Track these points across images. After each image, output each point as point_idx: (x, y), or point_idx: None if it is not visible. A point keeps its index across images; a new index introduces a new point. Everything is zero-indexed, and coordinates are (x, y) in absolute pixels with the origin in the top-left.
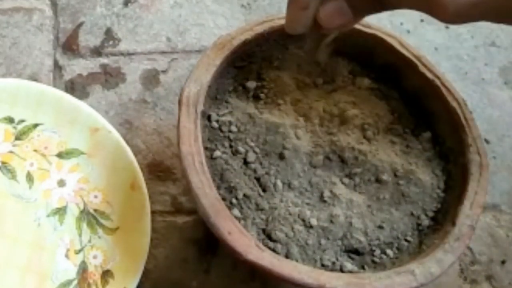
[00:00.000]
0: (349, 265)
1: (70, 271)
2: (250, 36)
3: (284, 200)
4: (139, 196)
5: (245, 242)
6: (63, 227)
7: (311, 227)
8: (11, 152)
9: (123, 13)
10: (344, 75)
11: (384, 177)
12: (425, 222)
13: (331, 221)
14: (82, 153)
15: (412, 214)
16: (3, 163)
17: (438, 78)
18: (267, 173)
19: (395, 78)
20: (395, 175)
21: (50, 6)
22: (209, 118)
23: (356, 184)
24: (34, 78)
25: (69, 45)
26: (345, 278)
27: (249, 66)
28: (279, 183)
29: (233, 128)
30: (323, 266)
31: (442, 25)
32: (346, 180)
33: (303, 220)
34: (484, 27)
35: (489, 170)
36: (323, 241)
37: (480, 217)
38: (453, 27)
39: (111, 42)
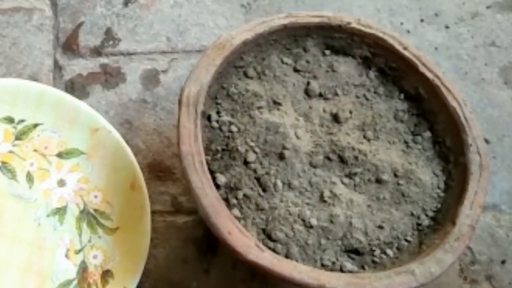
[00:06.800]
0: (349, 265)
1: (70, 271)
2: (250, 36)
3: (284, 200)
4: (139, 196)
5: (245, 242)
6: (63, 227)
7: (311, 227)
8: (11, 152)
9: (123, 13)
10: (344, 75)
11: (384, 177)
12: (425, 222)
13: (331, 221)
14: (82, 153)
15: (412, 214)
16: (3, 163)
17: (438, 78)
18: (267, 173)
19: (395, 78)
20: (395, 175)
21: (50, 6)
22: (209, 118)
23: (356, 184)
24: (34, 78)
25: (69, 45)
26: (345, 278)
27: (249, 66)
28: (279, 183)
29: (233, 128)
30: (323, 266)
31: (442, 25)
32: (346, 180)
33: (303, 220)
34: (484, 27)
35: (489, 170)
36: (323, 241)
37: (480, 217)
38: (453, 27)
39: (111, 42)
